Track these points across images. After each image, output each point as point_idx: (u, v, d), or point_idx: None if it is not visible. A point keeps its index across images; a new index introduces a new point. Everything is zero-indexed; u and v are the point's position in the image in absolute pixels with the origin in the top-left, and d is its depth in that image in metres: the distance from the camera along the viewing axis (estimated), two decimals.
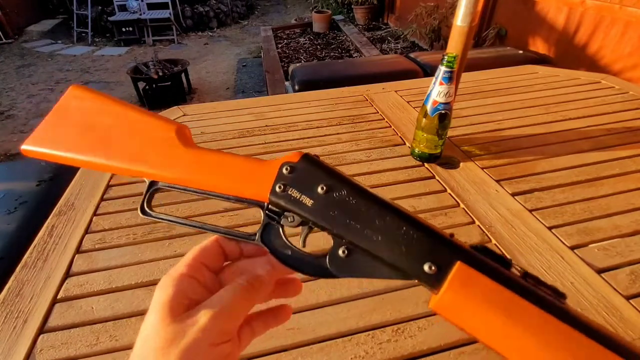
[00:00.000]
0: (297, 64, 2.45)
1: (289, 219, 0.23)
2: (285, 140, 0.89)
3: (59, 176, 1.27)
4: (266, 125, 0.95)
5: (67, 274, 0.56)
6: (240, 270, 0.24)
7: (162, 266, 0.57)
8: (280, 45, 4.38)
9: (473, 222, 0.64)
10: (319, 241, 0.35)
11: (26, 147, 0.26)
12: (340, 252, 0.22)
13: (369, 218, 0.22)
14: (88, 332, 0.48)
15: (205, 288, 0.23)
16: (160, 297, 0.21)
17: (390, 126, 0.94)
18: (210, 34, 5.45)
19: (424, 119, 0.74)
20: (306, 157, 0.24)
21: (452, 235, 0.21)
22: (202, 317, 0.20)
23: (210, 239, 0.25)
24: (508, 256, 0.57)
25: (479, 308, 0.19)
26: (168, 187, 0.26)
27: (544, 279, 0.19)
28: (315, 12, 4.95)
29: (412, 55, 2.26)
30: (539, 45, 2.43)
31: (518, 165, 0.78)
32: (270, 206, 0.24)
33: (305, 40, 4.60)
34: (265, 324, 0.26)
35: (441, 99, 0.70)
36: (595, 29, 2.04)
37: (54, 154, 0.26)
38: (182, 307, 0.21)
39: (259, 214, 0.24)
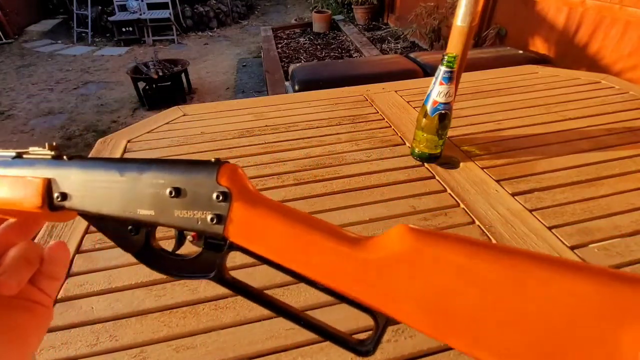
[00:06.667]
0: (297, 64, 2.45)
1: None
2: (285, 140, 0.89)
3: None
4: (266, 125, 0.95)
5: (67, 274, 0.56)
6: None
7: None
8: (280, 45, 4.38)
9: (473, 222, 0.64)
10: None
11: None
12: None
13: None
14: (88, 332, 0.48)
15: None
16: None
17: (390, 126, 0.94)
18: (210, 34, 5.45)
19: (424, 119, 0.74)
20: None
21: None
22: None
23: None
24: None
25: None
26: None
27: None
28: (315, 12, 4.95)
29: (412, 55, 2.26)
30: (539, 45, 2.43)
31: (518, 165, 0.78)
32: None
33: (305, 40, 4.60)
34: (48, 276, 0.25)
35: (441, 99, 0.70)
36: (595, 29, 2.04)
37: None
38: None
39: None
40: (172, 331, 0.48)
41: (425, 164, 0.79)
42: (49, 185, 0.23)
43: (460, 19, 0.70)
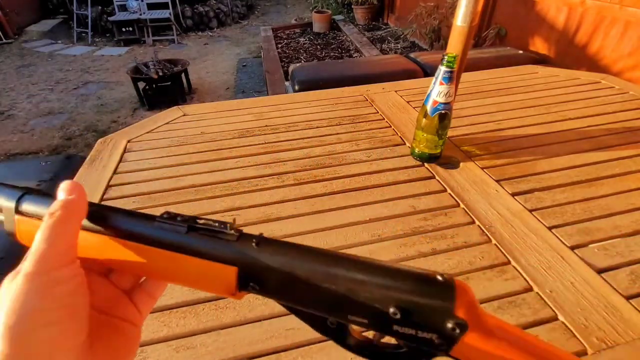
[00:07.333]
0: (297, 64, 2.45)
1: None
2: (285, 140, 0.89)
3: (59, 176, 1.27)
4: (266, 125, 0.95)
5: None
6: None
7: None
8: (280, 45, 4.38)
9: (473, 222, 0.64)
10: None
11: None
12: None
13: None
14: None
15: None
16: None
17: (390, 126, 0.94)
18: (210, 34, 5.44)
19: (424, 119, 0.74)
20: None
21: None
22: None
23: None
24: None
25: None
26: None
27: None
28: (315, 12, 4.94)
29: (412, 55, 2.26)
30: (539, 45, 2.43)
31: (518, 165, 0.78)
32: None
33: (305, 40, 4.60)
34: (148, 293, 0.26)
35: (441, 99, 0.70)
36: (595, 29, 2.04)
37: None
38: None
39: None
40: (172, 331, 0.48)
41: (425, 164, 0.79)
42: (240, 273, 0.21)
43: (460, 19, 0.70)
